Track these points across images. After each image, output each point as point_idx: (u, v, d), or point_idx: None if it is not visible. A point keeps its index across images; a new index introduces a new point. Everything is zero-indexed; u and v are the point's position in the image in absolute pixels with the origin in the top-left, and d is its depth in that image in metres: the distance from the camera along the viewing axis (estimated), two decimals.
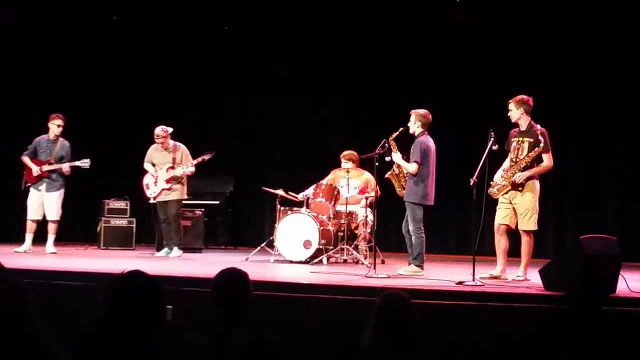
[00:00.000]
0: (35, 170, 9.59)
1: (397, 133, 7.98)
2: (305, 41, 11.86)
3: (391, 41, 11.49)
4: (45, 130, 9.74)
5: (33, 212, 9.71)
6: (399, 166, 8.07)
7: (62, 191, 9.70)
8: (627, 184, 10.77)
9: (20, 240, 9.95)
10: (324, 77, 11.82)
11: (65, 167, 9.59)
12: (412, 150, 7.96)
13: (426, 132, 8.01)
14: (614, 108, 10.73)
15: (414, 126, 8.01)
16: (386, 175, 8.22)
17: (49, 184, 9.65)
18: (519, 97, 7.61)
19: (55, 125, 9.65)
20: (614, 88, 10.71)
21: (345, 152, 9.73)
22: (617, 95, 10.70)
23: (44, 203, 9.68)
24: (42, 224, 9.75)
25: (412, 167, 7.85)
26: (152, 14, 11.85)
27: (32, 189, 9.70)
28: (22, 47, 11.70)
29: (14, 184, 9.89)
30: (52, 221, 9.68)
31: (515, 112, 7.58)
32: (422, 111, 8.04)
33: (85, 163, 9.66)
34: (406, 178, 8.03)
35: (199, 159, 9.62)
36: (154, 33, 11.97)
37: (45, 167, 9.60)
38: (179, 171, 9.60)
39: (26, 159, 9.71)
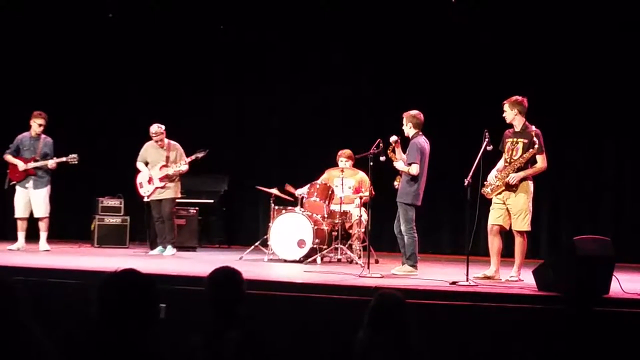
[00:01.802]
0: (22, 166, 9.55)
1: (392, 146, 7.97)
2: (302, 39, 11.85)
3: (387, 41, 11.48)
4: (27, 127, 9.70)
5: (21, 211, 9.66)
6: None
7: (48, 187, 9.67)
8: (621, 184, 10.79)
9: (6, 238, 9.92)
10: (320, 76, 11.82)
11: (52, 163, 9.56)
12: (408, 152, 7.97)
13: (420, 133, 8.02)
14: (608, 109, 10.74)
15: (407, 128, 8.03)
16: (396, 184, 8.10)
17: (36, 181, 9.61)
18: (514, 98, 7.62)
19: (36, 124, 9.59)
20: (609, 89, 10.71)
21: (343, 151, 9.71)
22: (611, 95, 10.71)
23: (32, 201, 9.63)
24: (32, 221, 9.72)
25: (414, 170, 7.84)
26: (149, 12, 11.81)
27: (18, 187, 9.64)
28: (15, 43, 11.65)
29: None
30: (42, 218, 9.65)
31: (510, 113, 7.59)
32: (413, 112, 8.05)
33: (73, 158, 9.63)
34: (401, 174, 8.03)
35: (193, 157, 9.61)
36: (149, 31, 11.93)
37: (31, 164, 9.56)
38: (171, 170, 9.58)
39: (9, 157, 9.66)
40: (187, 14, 11.86)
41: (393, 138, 7.97)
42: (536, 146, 7.41)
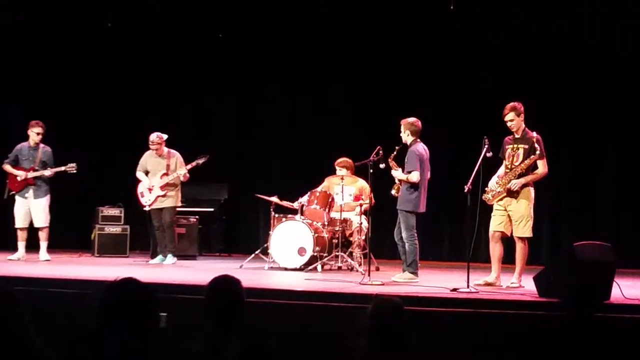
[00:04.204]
0: (21, 175, 9.54)
1: (394, 153, 7.99)
2: (302, 47, 11.85)
3: (387, 48, 11.49)
4: (26, 137, 9.69)
5: (21, 221, 9.65)
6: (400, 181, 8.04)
7: (48, 197, 9.66)
8: (621, 190, 10.78)
9: (7, 248, 9.91)
10: (319, 84, 11.82)
11: (48, 172, 9.53)
12: (407, 160, 7.97)
13: (418, 140, 8.02)
14: (607, 113, 10.74)
15: (405, 135, 8.03)
16: (393, 193, 8.12)
17: (36, 191, 9.59)
18: (514, 104, 7.58)
19: (34, 133, 9.58)
20: (608, 94, 10.72)
21: (340, 160, 9.70)
22: (611, 100, 10.71)
23: (32, 210, 9.62)
24: (32, 231, 9.71)
25: (414, 177, 7.84)
26: (148, 20, 11.83)
27: (17, 197, 9.63)
28: (14, 53, 11.66)
29: None
30: (42, 228, 9.63)
31: (518, 120, 7.57)
32: (411, 119, 8.06)
33: (72, 168, 9.63)
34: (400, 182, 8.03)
35: (194, 164, 9.63)
36: (149, 39, 11.95)
37: (31, 174, 9.55)
38: (174, 175, 9.59)
39: (8, 167, 9.65)
40: (186, 22, 11.87)
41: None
42: (537, 152, 7.40)
